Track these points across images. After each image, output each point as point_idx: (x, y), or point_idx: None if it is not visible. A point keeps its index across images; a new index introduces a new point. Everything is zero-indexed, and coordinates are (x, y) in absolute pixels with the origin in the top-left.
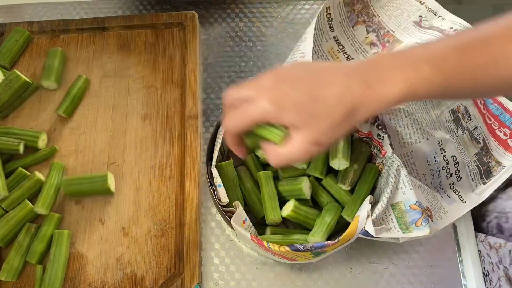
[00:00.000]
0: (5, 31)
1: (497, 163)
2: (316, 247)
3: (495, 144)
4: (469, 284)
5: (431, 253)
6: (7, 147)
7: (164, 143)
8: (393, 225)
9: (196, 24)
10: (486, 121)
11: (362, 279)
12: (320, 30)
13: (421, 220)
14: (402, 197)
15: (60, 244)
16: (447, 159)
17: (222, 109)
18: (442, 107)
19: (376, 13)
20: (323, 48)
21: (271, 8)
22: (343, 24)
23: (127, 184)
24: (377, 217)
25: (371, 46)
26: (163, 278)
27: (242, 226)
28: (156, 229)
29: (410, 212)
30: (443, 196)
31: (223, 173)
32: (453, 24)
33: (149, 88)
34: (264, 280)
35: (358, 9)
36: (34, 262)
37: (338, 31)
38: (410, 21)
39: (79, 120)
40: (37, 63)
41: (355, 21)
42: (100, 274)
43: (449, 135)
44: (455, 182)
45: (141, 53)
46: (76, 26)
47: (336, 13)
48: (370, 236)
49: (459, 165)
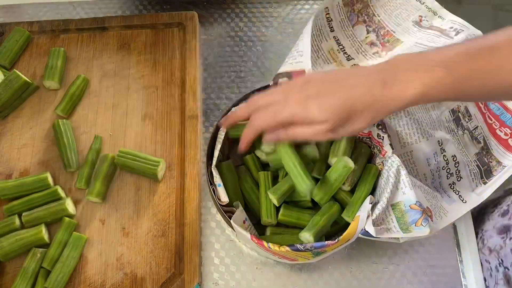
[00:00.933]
0: (5, 31)
1: (498, 163)
2: (316, 247)
3: (495, 144)
4: (469, 284)
5: (431, 253)
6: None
7: (164, 143)
8: (393, 225)
9: (196, 24)
10: (486, 120)
11: (362, 279)
12: (319, 30)
13: (421, 220)
14: (402, 197)
15: (75, 248)
16: (447, 159)
17: (222, 109)
18: (442, 107)
19: (376, 12)
20: (322, 48)
21: (271, 8)
22: (343, 24)
23: (127, 184)
24: (377, 217)
25: (371, 46)
26: (163, 278)
27: (242, 226)
28: (156, 229)
29: (410, 212)
30: (443, 196)
31: (223, 173)
32: (453, 24)
33: (149, 88)
34: (264, 280)
35: (358, 8)
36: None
37: (338, 31)
38: (410, 21)
39: (79, 120)
40: (37, 63)
41: (355, 21)
42: (100, 274)
43: (449, 135)
44: (455, 182)
45: (141, 53)
46: (76, 26)
47: (335, 13)
48: (370, 236)
49: (459, 165)
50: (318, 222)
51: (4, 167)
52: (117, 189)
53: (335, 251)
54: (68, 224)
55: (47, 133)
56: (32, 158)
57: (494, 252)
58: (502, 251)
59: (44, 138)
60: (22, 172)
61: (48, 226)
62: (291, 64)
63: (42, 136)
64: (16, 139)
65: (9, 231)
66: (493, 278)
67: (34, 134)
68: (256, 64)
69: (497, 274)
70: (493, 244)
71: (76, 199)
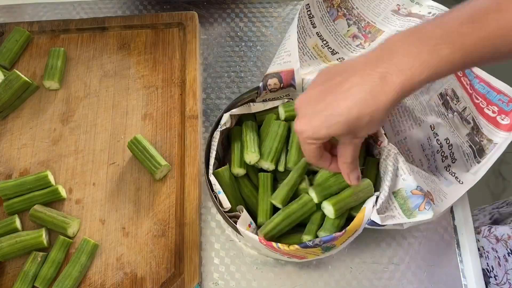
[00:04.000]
0: (5, 31)
1: (489, 141)
2: (325, 241)
3: (484, 123)
4: (469, 284)
5: (431, 253)
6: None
7: (164, 143)
8: (397, 212)
9: (196, 24)
10: (474, 100)
11: (362, 279)
12: (302, 27)
13: (424, 204)
14: (402, 184)
15: (85, 253)
16: (441, 143)
17: (222, 109)
18: (430, 92)
19: (355, 5)
20: (307, 44)
21: (271, 8)
22: (324, 19)
23: (127, 184)
24: (381, 206)
25: (353, 39)
26: (163, 278)
27: (248, 229)
28: (156, 229)
29: (412, 198)
30: (440, 179)
31: (221, 179)
32: (431, 9)
33: (149, 88)
34: (264, 280)
35: (337, 3)
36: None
37: (320, 27)
38: (388, 10)
39: (79, 120)
40: (37, 63)
41: (336, 15)
42: (100, 274)
43: (440, 119)
44: (451, 164)
45: (141, 53)
46: (76, 26)
47: (316, 9)
48: (377, 225)
49: (453, 147)
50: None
51: (4, 167)
52: (117, 189)
53: (344, 245)
54: (62, 243)
55: (47, 133)
56: (32, 158)
57: (501, 241)
58: (511, 241)
59: (44, 138)
60: (22, 172)
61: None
62: (280, 64)
63: (42, 136)
64: (16, 139)
65: (9, 231)
66: (502, 267)
67: (34, 134)
68: (256, 64)
69: (506, 264)
70: (500, 233)
71: (76, 199)
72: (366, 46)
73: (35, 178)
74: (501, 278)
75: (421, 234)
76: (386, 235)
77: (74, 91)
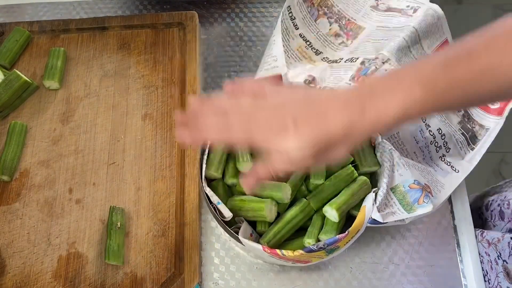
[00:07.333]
0: (5, 31)
1: (481, 126)
2: (329, 244)
3: (475, 109)
4: (469, 284)
5: (431, 253)
6: None
7: (164, 143)
8: (397, 208)
9: (196, 24)
10: None
11: (362, 279)
12: (286, 30)
13: (423, 197)
14: (399, 179)
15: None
16: (433, 133)
17: None
18: None
19: (335, 3)
20: (291, 47)
21: (271, 8)
22: (305, 20)
23: (127, 184)
24: (380, 203)
25: (336, 37)
26: (163, 278)
27: (250, 239)
28: (156, 229)
29: (411, 192)
30: (436, 170)
31: (216, 191)
32: (409, 2)
33: (149, 88)
34: (264, 280)
35: (317, 2)
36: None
37: (302, 28)
38: (367, 6)
39: (79, 120)
40: (37, 63)
41: (317, 15)
42: (100, 274)
43: None
44: (445, 153)
45: (141, 53)
46: (76, 26)
47: (297, 10)
48: (378, 223)
49: (446, 136)
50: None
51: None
52: (117, 189)
53: (348, 246)
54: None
55: (47, 133)
56: (32, 158)
57: (492, 245)
58: (500, 244)
59: (44, 138)
60: (22, 172)
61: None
62: (267, 70)
63: (42, 136)
64: None
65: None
66: (494, 270)
67: (34, 134)
68: (256, 64)
69: (497, 267)
70: (491, 237)
71: (77, 199)
72: (348, 44)
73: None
74: (493, 281)
75: (421, 234)
76: (386, 235)
77: (74, 91)
